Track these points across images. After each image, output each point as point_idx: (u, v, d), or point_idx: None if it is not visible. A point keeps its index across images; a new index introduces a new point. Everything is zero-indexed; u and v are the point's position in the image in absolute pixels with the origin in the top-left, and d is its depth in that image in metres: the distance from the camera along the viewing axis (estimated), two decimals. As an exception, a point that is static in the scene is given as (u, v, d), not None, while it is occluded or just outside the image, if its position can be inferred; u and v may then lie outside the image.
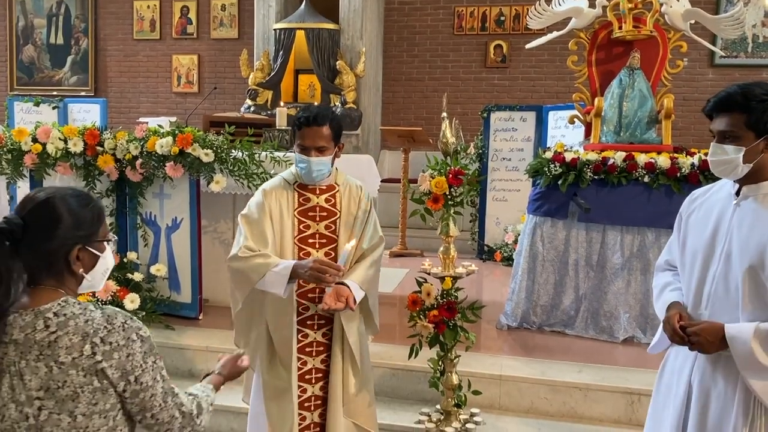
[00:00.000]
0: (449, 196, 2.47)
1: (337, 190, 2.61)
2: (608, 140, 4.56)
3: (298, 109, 2.53)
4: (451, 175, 2.46)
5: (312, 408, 2.65)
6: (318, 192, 2.58)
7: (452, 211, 2.51)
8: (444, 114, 2.54)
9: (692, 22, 4.67)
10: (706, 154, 4.19)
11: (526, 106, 7.33)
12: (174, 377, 1.85)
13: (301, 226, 2.56)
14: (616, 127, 4.58)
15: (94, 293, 4.12)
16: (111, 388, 1.45)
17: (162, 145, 4.10)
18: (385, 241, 2.62)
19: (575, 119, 4.94)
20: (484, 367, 3.63)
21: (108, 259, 1.61)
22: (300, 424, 2.62)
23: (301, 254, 2.54)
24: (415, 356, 2.53)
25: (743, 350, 1.87)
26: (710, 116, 2.03)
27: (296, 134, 2.52)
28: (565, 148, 4.57)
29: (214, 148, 4.09)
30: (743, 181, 1.99)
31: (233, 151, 4.17)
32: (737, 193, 2.02)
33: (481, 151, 7.16)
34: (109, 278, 4.17)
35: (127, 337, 1.46)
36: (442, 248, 2.59)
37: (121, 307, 4.12)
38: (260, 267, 2.41)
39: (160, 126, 4.34)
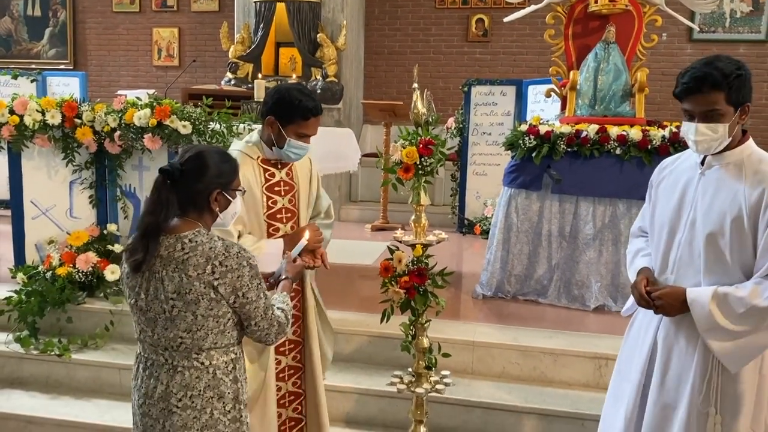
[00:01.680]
0: (420, 166, 2.53)
1: (292, 164, 2.65)
2: (583, 113, 4.63)
3: (294, 94, 2.45)
4: (421, 145, 2.52)
5: (286, 378, 2.73)
6: (280, 167, 2.61)
7: (423, 181, 2.57)
8: (415, 85, 2.59)
9: (667, -4, 4.72)
10: (677, 127, 4.29)
11: (507, 80, 7.37)
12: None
13: (269, 202, 2.57)
14: (591, 101, 4.65)
15: (74, 264, 4.17)
16: (223, 300, 1.87)
17: (140, 117, 4.12)
18: (367, 215, 2.76)
19: (552, 93, 5.00)
20: (458, 333, 3.74)
21: (237, 204, 2.03)
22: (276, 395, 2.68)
23: (270, 230, 2.57)
24: (387, 321, 2.60)
25: (702, 312, 1.99)
26: (680, 97, 2.05)
27: (294, 121, 2.44)
28: (541, 122, 4.64)
29: (192, 120, 4.11)
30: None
31: (211, 123, 4.19)
32: (702, 163, 2.11)
33: (461, 125, 7.21)
34: (89, 250, 4.25)
35: (239, 263, 1.88)
36: (413, 217, 2.65)
37: (102, 278, 4.17)
38: (255, 251, 2.39)
39: (138, 98, 4.34)
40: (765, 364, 2.03)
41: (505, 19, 5.41)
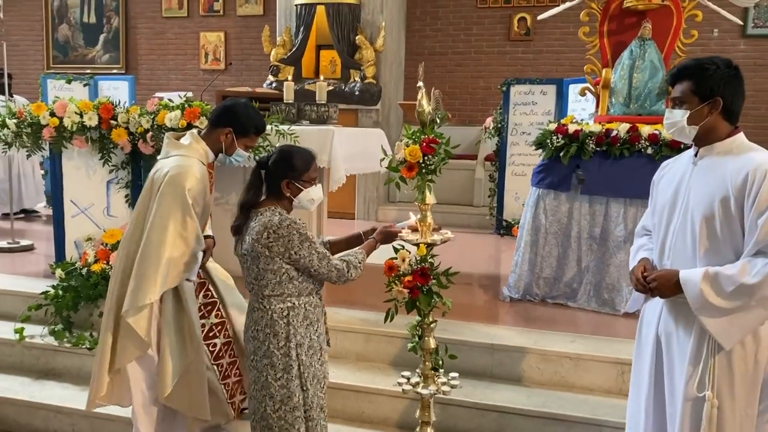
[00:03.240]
0: (423, 165, 2.51)
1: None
2: (617, 112, 4.50)
3: (251, 113, 2.95)
4: (424, 144, 2.50)
5: (224, 355, 3.20)
6: (211, 168, 3.09)
7: (427, 179, 2.55)
8: (420, 83, 2.58)
9: (708, -10, 4.54)
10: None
11: (547, 79, 7.24)
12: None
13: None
14: (625, 99, 4.51)
15: (108, 261, 4.32)
16: (277, 257, 2.43)
17: (171, 119, 4.23)
18: (405, 216, 2.93)
19: (586, 91, 4.88)
20: (477, 336, 3.68)
21: (311, 192, 2.54)
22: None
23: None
24: (391, 320, 2.60)
25: (694, 291, 2.08)
26: (672, 86, 2.28)
27: (248, 135, 2.90)
28: (574, 120, 4.53)
29: (220, 121, 4.19)
30: (700, 144, 2.21)
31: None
32: (696, 155, 2.25)
33: (500, 125, 7.11)
34: (122, 247, 4.37)
35: (289, 231, 2.42)
36: (419, 215, 2.64)
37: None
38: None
39: (170, 100, 4.46)
40: (760, 349, 2.09)
41: (540, 17, 5.32)
